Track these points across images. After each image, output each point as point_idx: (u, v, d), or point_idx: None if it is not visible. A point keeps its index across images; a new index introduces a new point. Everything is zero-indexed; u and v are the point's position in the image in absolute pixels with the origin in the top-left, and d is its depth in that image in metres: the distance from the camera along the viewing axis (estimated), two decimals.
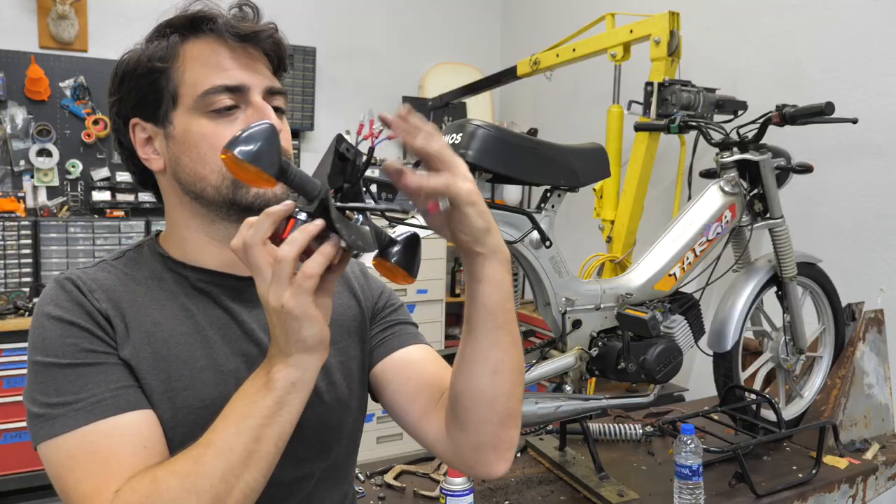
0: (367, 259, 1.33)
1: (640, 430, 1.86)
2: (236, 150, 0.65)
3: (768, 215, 1.82)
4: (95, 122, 3.67)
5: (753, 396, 1.79)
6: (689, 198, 2.18)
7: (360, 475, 1.60)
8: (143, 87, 0.88)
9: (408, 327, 1.06)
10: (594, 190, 2.94)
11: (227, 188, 0.86)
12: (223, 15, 0.90)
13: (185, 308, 0.88)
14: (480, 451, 0.87)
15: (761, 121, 1.78)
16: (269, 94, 0.90)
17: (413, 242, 0.78)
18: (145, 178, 0.95)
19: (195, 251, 0.91)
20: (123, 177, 3.74)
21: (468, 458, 0.88)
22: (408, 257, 0.77)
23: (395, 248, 0.77)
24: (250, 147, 0.65)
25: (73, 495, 0.74)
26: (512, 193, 4.45)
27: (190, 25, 0.89)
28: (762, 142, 1.80)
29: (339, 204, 0.71)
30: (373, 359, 1.02)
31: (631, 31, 2.75)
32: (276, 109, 0.90)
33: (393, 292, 1.10)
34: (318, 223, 0.69)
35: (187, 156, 0.87)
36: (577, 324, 1.56)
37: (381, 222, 0.80)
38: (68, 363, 0.78)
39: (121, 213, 3.69)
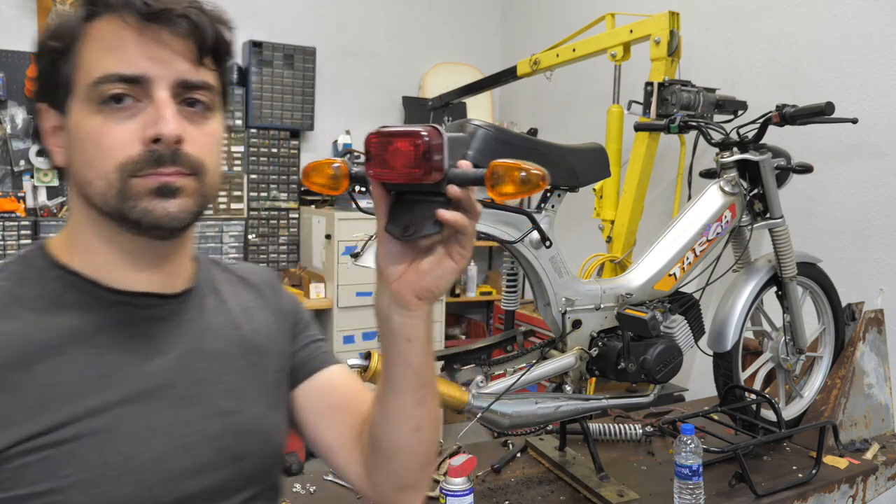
0: (367, 261, 1.33)
1: (640, 430, 1.86)
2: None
3: (768, 215, 1.82)
4: None
5: (753, 396, 1.79)
6: (689, 198, 2.18)
7: None
8: (45, 69, 0.75)
9: (321, 345, 1.00)
10: (594, 190, 2.94)
11: (113, 198, 0.71)
12: None
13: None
14: (403, 493, 0.89)
15: (761, 121, 1.78)
16: (185, 87, 0.73)
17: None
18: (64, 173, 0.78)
19: (105, 266, 0.76)
20: None
21: (390, 496, 0.89)
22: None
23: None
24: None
25: None
26: None
27: (92, 2, 0.72)
28: (762, 142, 1.80)
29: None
30: (293, 381, 0.94)
31: (631, 31, 2.75)
32: (194, 103, 0.75)
33: (301, 305, 1.04)
34: None
35: (78, 154, 0.73)
36: (577, 324, 1.56)
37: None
38: None
39: None
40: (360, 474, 0.90)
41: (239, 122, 3.92)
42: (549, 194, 1.51)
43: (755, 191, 1.81)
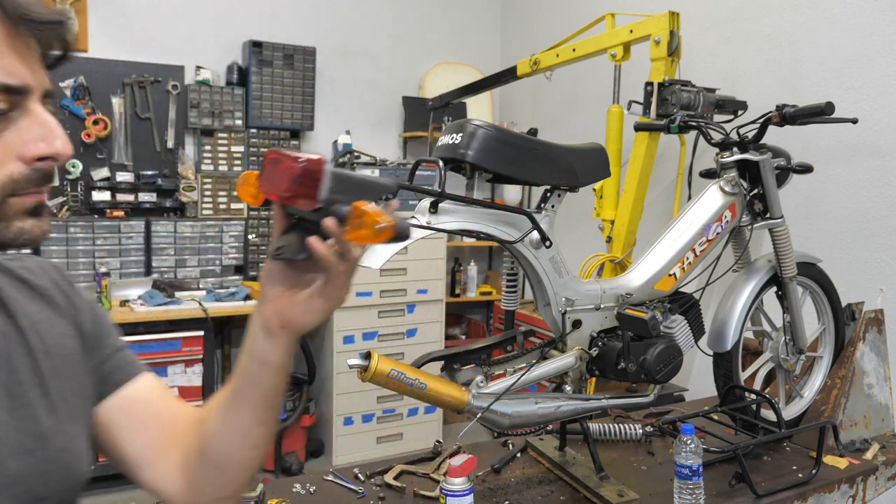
0: (365, 261, 1.33)
1: (640, 430, 1.86)
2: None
3: (768, 215, 1.82)
4: (95, 123, 3.68)
5: (753, 396, 1.79)
6: (689, 198, 2.18)
7: (360, 475, 1.60)
8: None
9: (126, 353, 0.91)
10: (594, 190, 2.94)
11: None
12: None
13: None
14: (219, 502, 0.88)
15: (761, 121, 1.78)
16: (46, 97, 0.69)
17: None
18: None
19: None
20: (123, 177, 3.75)
21: None
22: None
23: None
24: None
25: None
26: (512, 193, 4.46)
27: None
28: (762, 142, 1.80)
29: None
30: (96, 397, 0.86)
31: (631, 31, 2.75)
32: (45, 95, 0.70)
33: (99, 307, 0.92)
34: None
35: None
36: (577, 324, 1.56)
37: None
38: None
39: (121, 213, 3.69)
40: (179, 485, 0.86)
41: (239, 122, 3.92)
42: (549, 194, 1.51)
43: (755, 191, 1.81)
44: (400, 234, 0.69)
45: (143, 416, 0.88)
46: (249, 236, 3.93)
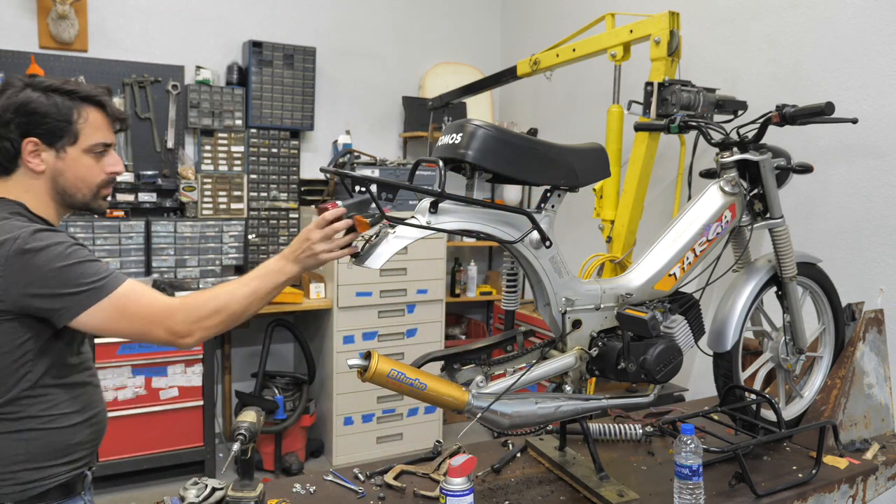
0: (367, 261, 1.35)
1: (640, 430, 1.86)
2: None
3: (768, 215, 1.82)
4: None
5: (753, 396, 1.79)
6: (689, 198, 2.18)
7: (360, 475, 1.60)
8: (47, 124, 1.31)
9: None
10: (594, 190, 2.94)
11: (88, 197, 1.39)
12: (107, 99, 1.38)
13: None
14: None
15: (761, 121, 1.78)
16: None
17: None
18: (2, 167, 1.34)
19: (54, 219, 1.38)
20: (123, 177, 3.74)
21: None
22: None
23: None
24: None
25: (148, 311, 1.27)
26: (512, 193, 4.46)
27: (88, 99, 1.36)
28: (762, 142, 1.80)
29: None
30: None
31: (631, 31, 2.75)
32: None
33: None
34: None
35: (72, 173, 1.35)
36: (577, 324, 1.56)
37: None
38: (91, 259, 1.26)
39: (121, 213, 3.69)
40: None
41: (239, 122, 3.92)
42: (549, 194, 1.51)
43: (755, 191, 1.81)
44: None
45: None
46: (249, 236, 3.93)
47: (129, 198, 3.73)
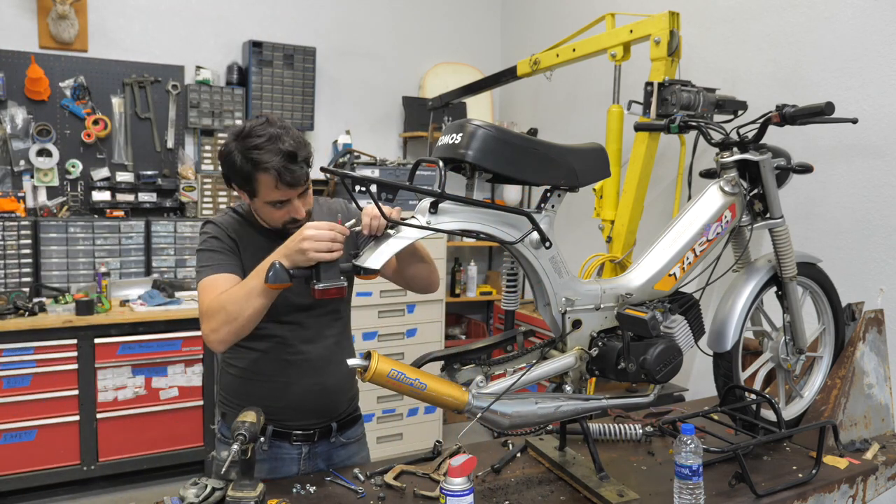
0: (366, 261, 1.34)
1: (640, 430, 1.86)
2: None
3: (768, 215, 1.82)
4: (95, 122, 3.68)
5: (753, 396, 1.79)
6: (689, 198, 2.19)
7: (360, 475, 1.60)
8: (236, 178, 1.59)
9: None
10: (594, 190, 2.94)
11: (279, 228, 1.63)
12: (282, 168, 1.53)
13: (262, 246, 1.60)
14: None
15: (761, 121, 1.78)
16: (299, 195, 1.62)
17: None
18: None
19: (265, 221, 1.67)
20: (123, 177, 3.75)
21: None
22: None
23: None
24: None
25: (202, 298, 1.54)
26: (512, 193, 4.46)
27: (260, 166, 1.54)
28: (762, 142, 1.80)
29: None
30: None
31: (631, 31, 2.75)
32: (303, 193, 1.63)
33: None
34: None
35: (260, 214, 1.66)
36: (577, 324, 1.56)
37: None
38: (210, 250, 1.62)
39: (121, 213, 3.69)
40: None
41: (239, 122, 3.92)
42: (549, 194, 1.51)
43: (755, 191, 1.81)
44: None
45: None
46: None
47: (129, 198, 3.73)
